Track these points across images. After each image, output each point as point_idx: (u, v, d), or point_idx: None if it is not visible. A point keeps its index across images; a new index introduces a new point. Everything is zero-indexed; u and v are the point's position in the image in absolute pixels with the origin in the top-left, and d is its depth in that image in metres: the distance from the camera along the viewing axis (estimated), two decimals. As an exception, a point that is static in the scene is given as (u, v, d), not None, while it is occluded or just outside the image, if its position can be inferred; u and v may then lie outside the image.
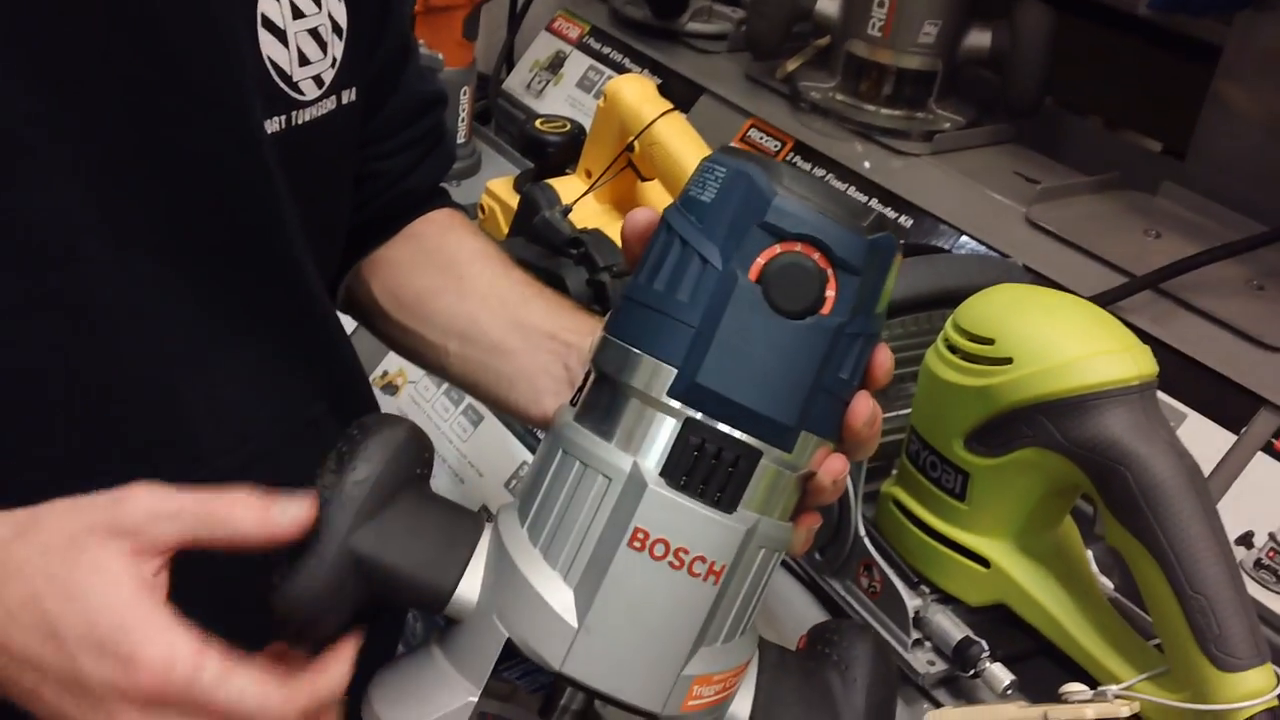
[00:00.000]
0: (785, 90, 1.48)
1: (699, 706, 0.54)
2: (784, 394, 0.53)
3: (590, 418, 0.55)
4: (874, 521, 0.94)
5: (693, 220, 0.53)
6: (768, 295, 0.52)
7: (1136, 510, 0.76)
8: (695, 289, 0.52)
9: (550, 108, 1.65)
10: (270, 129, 0.69)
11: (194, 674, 0.51)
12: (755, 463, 0.53)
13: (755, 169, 0.52)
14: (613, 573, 0.52)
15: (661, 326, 0.53)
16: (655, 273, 0.53)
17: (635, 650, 0.53)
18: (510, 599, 0.53)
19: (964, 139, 1.39)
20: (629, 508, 0.52)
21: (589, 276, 1.17)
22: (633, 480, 0.52)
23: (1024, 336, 0.80)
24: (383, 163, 0.85)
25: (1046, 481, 0.83)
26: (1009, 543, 0.87)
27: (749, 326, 0.52)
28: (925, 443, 0.88)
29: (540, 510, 0.54)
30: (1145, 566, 0.76)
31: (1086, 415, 0.78)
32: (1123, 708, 0.77)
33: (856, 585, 0.92)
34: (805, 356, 0.53)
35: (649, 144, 1.24)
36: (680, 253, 0.53)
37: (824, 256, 0.52)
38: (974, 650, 0.84)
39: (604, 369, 0.55)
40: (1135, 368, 0.78)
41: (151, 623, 0.52)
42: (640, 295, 0.54)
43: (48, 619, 0.52)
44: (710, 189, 0.53)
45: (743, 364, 0.52)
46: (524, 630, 0.53)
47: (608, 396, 0.55)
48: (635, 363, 0.53)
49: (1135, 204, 1.27)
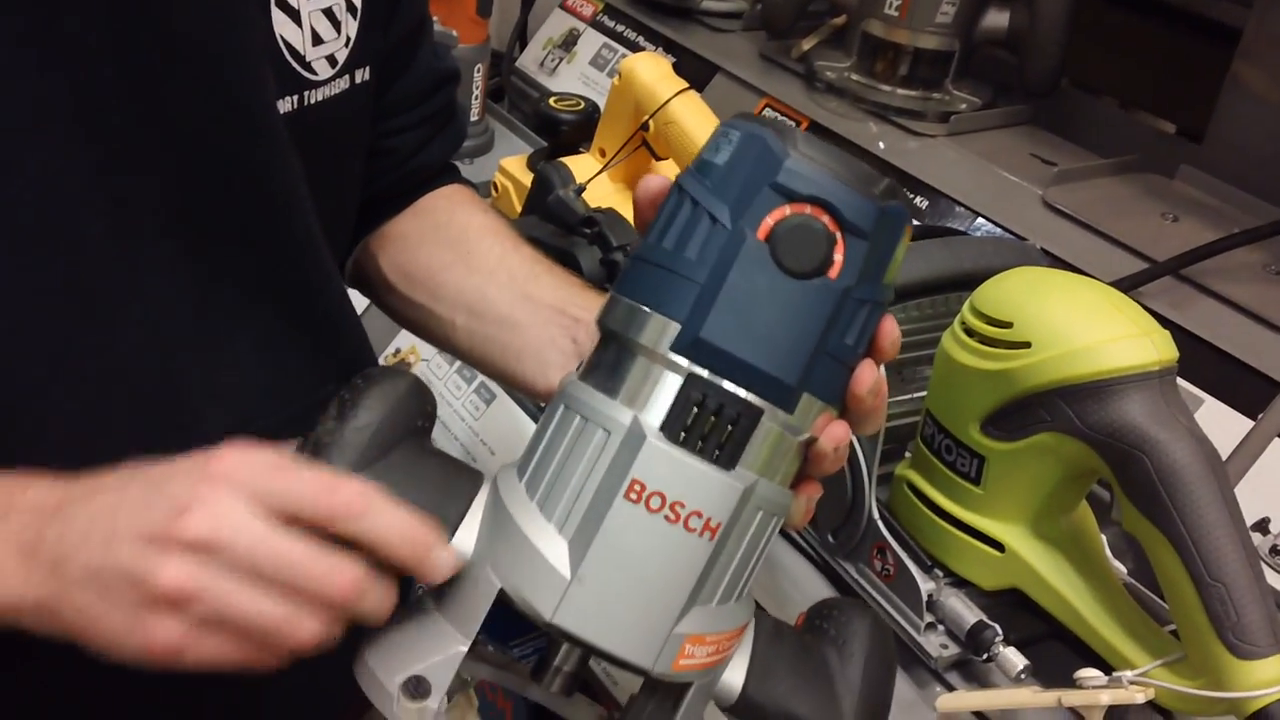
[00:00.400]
0: (800, 70, 1.47)
1: (691, 667, 0.54)
2: (787, 353, 0.53)
3: (594, 376, 0.55)
4: (887, 504, 0.94)
5: (705, 181, 0.53)
6: (775, 255, 0.52)
7: (1155, 496, 0.75)
8: (703, 247, 0.52)
9: (563, 86, 1.64)
10: (283, 109, 0.69)
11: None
12: (756, 421, 0.53)
13: (769, 132, 0.53)
14: (607, 524, 0.52)
15: (668, 283, 0.53)
16: (665, 232, 0.54)
17: (627, 603, 0.52)
18: (504, 550, 0.53)
19: (980, 120, 1.38)
20: (627, 460, 0.52)
21: (602, 256, 1.16)
22: (632, 433, 0.52)
23: (1043, 320, 0.80)
24: (394, 139, 0.85)
25: (1063, 466, 0.83)
26: (1024, 527, 0.86)
27: (755, 285, 0.52)
28: (940, 426, 0.88)
29: (539, 464, 0.55)
30: (1163, 553, 0.76)
31: (1105, 400, 0.77)
32: (1138, 694, 0.77)
33: (869, 568, 0.92)
34: (810, 317, 0.53)
35: (664, 123, 1.23)
36: (690, 212, 0.53)
37: (833, 219, 0.52)
38: (987, 634, 0.84)
39: (610, 327, 0.55)
40: (1155, 353, 0.78)
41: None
42: (648, 254, 0.54)
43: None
44: (724, 151, 0.53)
45: (747, 321, 0.52)
46: (516, 581, 0.53)
47: (612, 354, 0.55)
48: (640, 319, 0.53)
49: (1152, 187, 1.26)
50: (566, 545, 0.52)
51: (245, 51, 0.66)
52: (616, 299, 0.55)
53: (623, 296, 0.55)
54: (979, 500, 0.87)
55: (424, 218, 0.87)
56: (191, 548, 0.50)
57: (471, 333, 0.80)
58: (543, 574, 0.52)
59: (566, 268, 0.83)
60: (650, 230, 0.55)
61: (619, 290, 0.55)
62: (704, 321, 0.52)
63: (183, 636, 0.51)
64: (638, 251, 0.55)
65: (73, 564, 0.52)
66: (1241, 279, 1.08)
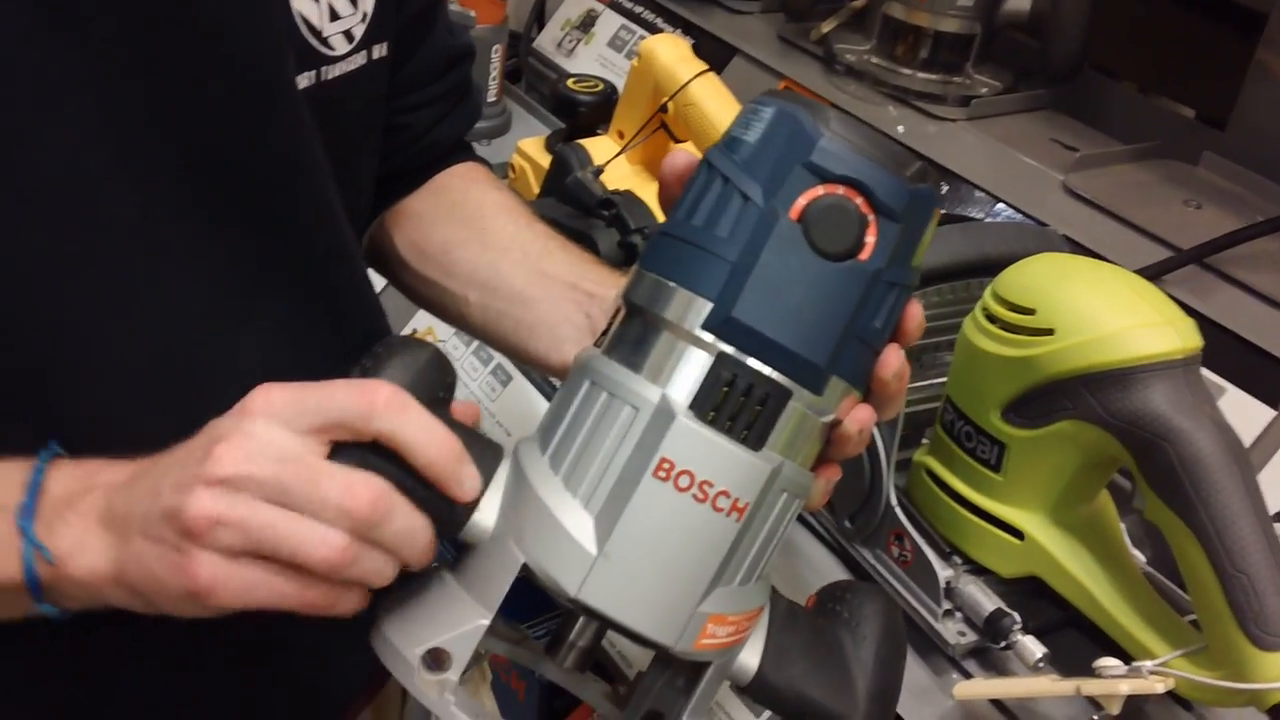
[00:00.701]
0: (819, 52, 1.46)
1: (711, 646, 0.54)
2: (817, 334, 0.52)
3: (619, 351, 0.55)
4: (905, 491, 0.94)
5: (735, 159, 0.53)
6: (808, 235, 0.51)
7: (1178, 486, 0.75)
8: (735, 225, 0.52)
9: (581, 67, 1.63)
10: (301, 85, 0.68)
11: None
12: (784, 402, 0.52)
13: (801, 110, 0.52)
14: (635, 501, 0.51)
15: (698, 260, 0.52)
16: (694, 209, 0.53)
17: (653, 581, 0.52)
18: (528, 525, 0.53)
19: (1001, 104, 1.37)
20: (655, 438, 0.52)
21: (620, 238, 1.16)
22: (661, 411, 0.52)
23: (1066, 307, 0.79)
24: (409, 115, 0.84)
25: (1085, 454, 0.82)
26: (1044, 515, 0.86)
27: (787, 265, 0.51)
28: (961, 413, 0.87)
29: (564, 439, 0.54)
30: (1185, 543, 0.75)
31: (1129, 388, 0.77)
32: (1158, 683, 0.76)
33: (887, 554, 0.91)
34: (841, 299, 0.52)
35: (684, 105, 1.22)
36: (721, 190, 0.53)
37: (866, 201, 0.52)
38: (1006, 622, 0.84)
39: (636, 301, 0.55)
40: (1179, 341, 0.77)
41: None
42: (677, 230, 0.54)
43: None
44: (755, 128, 0.53)
45: (778, 301, 0.52)
46: (541, 555, 0.53)
47: (638, 329, 0.54)
48: (669, 295, 0.53)
49: (1175, 174, 1.25)
50: (592, 521, 0.52)
51: (265, 27, 0.65)
52: (642, 274, 0.55)
53: (650, 272, 0.54)
54: (999, 487, 0.86)
55: (438, 195, 0.87)
56: (222, 482, 0.51)
57: (485, 309, 0.80)
58: (568, 549, 0.52)
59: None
60: (678, 206, 0.55)
61: (645, 265, 0.55)
62: (736, 300, 0.51)
63: (216, 568, 0.51)
64: (665, 227, 0.55)
65: (132, 520, 0.54)
66: (1265, 267, 1.07)
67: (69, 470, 0.58)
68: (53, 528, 0.55)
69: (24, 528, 0.55)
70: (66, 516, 0.55)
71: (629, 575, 0.52)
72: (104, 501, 0.55)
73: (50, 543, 0.55)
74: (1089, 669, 0.79)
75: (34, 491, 0.56)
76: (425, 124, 0.86)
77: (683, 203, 0.54)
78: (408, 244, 0.85)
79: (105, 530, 0.55)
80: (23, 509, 0.56)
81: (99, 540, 0.55)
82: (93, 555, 0.55)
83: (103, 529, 0.55)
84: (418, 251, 0.85)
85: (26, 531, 0.55)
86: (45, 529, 0.55)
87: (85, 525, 0.55)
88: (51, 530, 0.55)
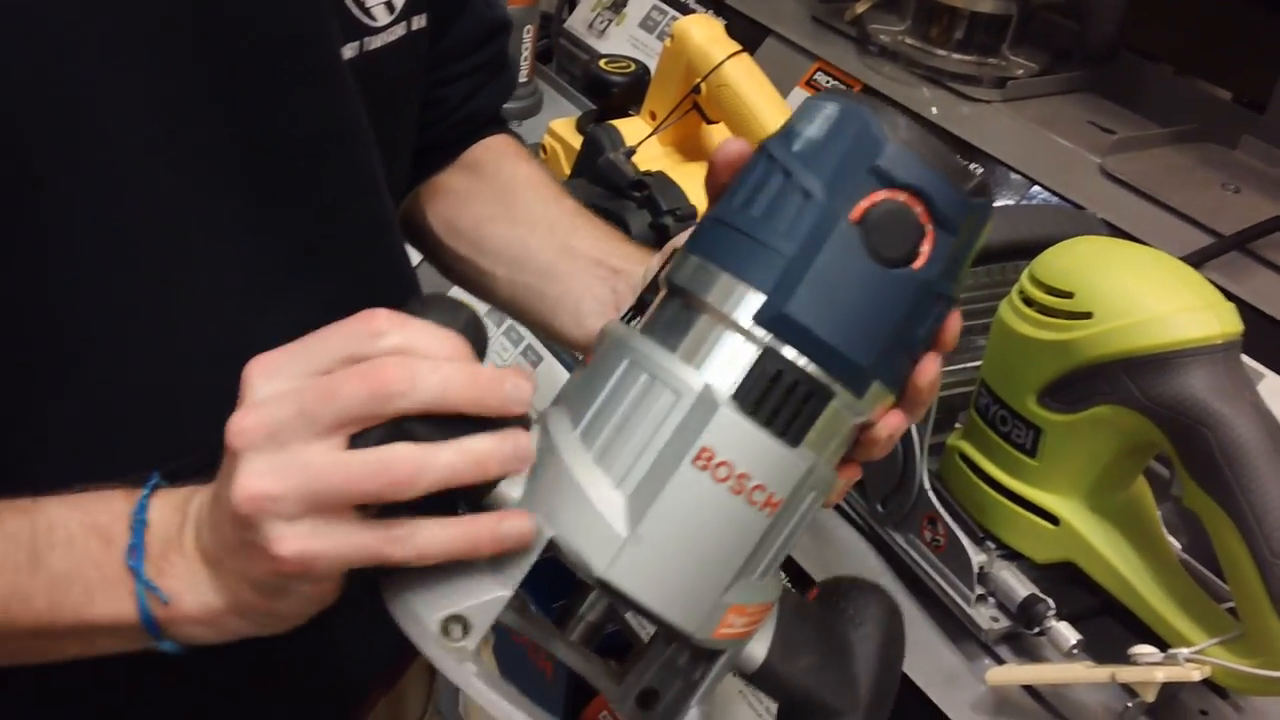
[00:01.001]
0: (853, 33, 1.45)
1: (728, 635, 0.54)
2: (866, 338, 0.52)
3: (659, 333, 0.54)
4: (939, 475, 0.93)
5: (798, 153, 0.52)
6: (867, 239, 0.51)
7: (1217, 472, 0.74)
8: (794, 220, 0.51)
9: (612, 48, 1.62)
10: (345, 57, 0.68)
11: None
12: (827, 402, 0.52)
13: (869, 111, 0.52)
14: (671, 487, 0.51)
15: (752, 251, 0.52)
16: (752, 199, 0.53)
17: (681, 567, 0.52)
18: (558, 499, 0.52)
19: (1037, 86, 1.35)
20: (697, 426, 0.51)
21: (652, 220, 1.15)
22: (704, 400, 0.51)
23: (1105, 291, 0.78)
24: (446, 88, 0.85)
25: (1122, 440, 0.82)
26: (1080, 500, 0.85)
27: (844, 267, 0.51)
28: (996, 397, 0.87)
29: (598, 417, 0.53)
30: (1223, 530, 0.74)
31: (1168, 373, 0.76)
32: (1194, 671, 0.76)
33: (919, 538, 0.91)
34: (892, 305, 0.52)
35: (717, 86, 1.22)
36: (782, 183, 0.52)
37: (926, 211, 0.51)
38: (1040, 608, 0.83)
39: (681, 284, 0.54)
40: (1220, 326, 0.76)
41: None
42: (732, 218, 0.53)
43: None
44: (819, 125, 0.52)
45: (832, 302, 0.51)
46: (569, 531, 0.52)
47: (680, 312, 0.54)
48: (718, 282, 0.52)
49: (1213, 157, 1.23)
50: (625, 501, 0.52)
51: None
52: (690, 258, 0.54)
53: (698, 256, 0.54)
54: (1034, 472, 0.86)
55: (471, 172, 0.87)
56: (257, 460, 0.50)
57: (512, 284, 0.80)
58: (598, 528, 0.51)
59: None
60: (733, 194, 0.54)
61: (694, 249, 0.54)
62: (790, 296, 0.51)
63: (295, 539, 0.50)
64: (717, 213, 0.54)
65: (213, 548, 0.53)
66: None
67: (167, 500, 0.57)
68: (161, 568, 0.55)
69: (136, 569, 0.54)
70: (172, 558, 0.55)
71: (658, 559, 0.52)
72: (193, 532, 0.55)
73: (162, 583, 0.54)
74: (1123, 656, 0.78)
75: (140, 529, 0.55)
76: (461, 96, 0.86)
77: (738, 191, 0.54)
78: (441, 221, 0.85)
79: (206, 565, 0.54)
80: (131, 549, 0.55)
81: (205, 576, 0.54)
82: (205, 591, 0.54)
83: (204, 564, 0.54)
84: (450, 228, 0.85)
85: (139, 573, 0.54)
86: (155, 569, 0.55)
87: (189, 564, 0.54)
88: (161, 571, 0.55)
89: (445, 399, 0.50)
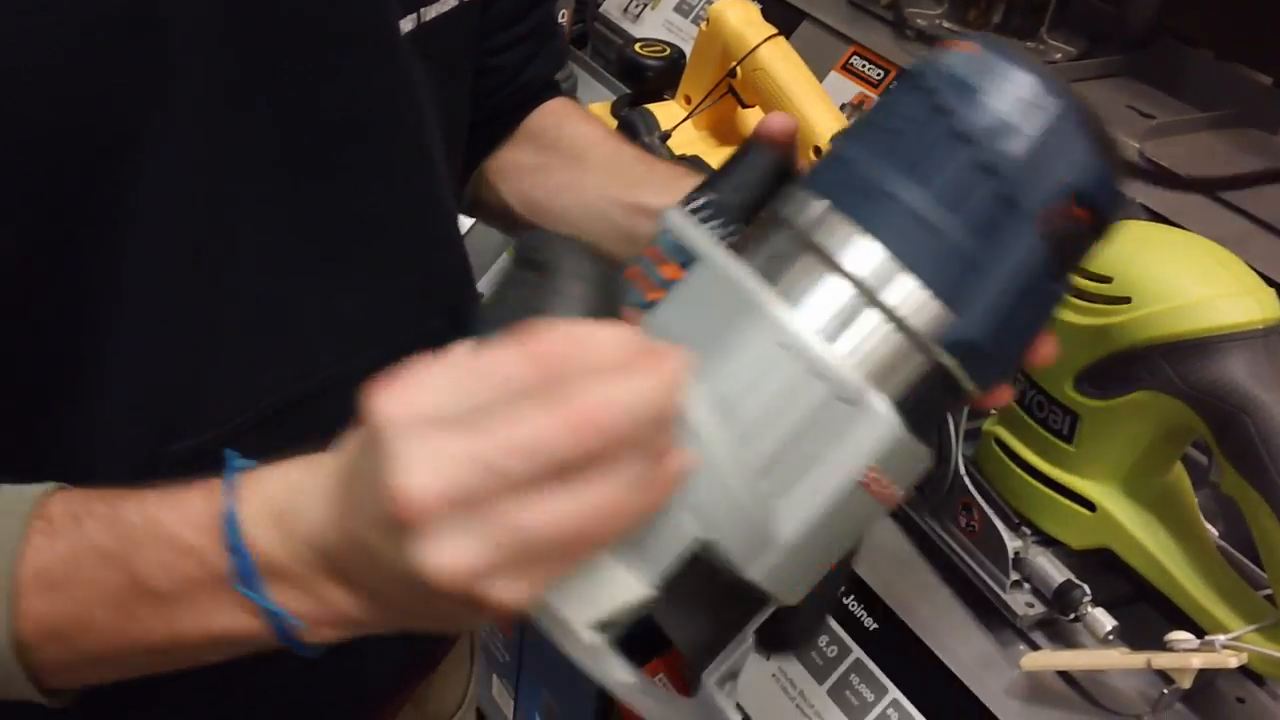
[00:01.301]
0: (890, 17, 1.44)
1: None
2: (1016, 349, 0.51)
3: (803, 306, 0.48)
4: (974, 460, 0.93)
5: (989, 130, 0.48)
6: (1050, 254, 0.48)
7: (1256, 459, 0.73)
8: (983, 224, 0.47)
9: (647, 32, 1.62)
10: (404, 29, 0.68)
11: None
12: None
13: (1075, 112, 0.48)
14: (830, 498, 0.48)
15: (926, 239, 0.47)
16: (929, 174, 0.48)
17: (815, 565, 0.51)
18: (704, 492, 0.47)
19: (1075, 70, 1.34)
20: (867, 445, 0.47)
21: (687, 204, 1.15)
22: (883, 421, 0.47)
23: (1144, 275, 0.78)
24: (499, 57, 0.84)
25: (1160, 426, 0.81)
26: (1116, 486, 0.85)
27: (1022, 278, 0.48)
28: (1032, 382, 0.86)
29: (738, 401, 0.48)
30: (1262, 516, 0.74)
31: (1207, 359, 0.75)
32: (1231, 658, 0.76)
33: (954, 524, 0.91)
34: (1045, 316, 0.51)
35: (752, 70, 1.21)
36: (971, 172, 0.48)
37: (1096, 229, 0.50)
38: (1075, 594, 0.83)
39: (830, 252, 0.48)
40: (1260, 311, 0.76)
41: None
42: (908, 196, 0.48)
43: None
44: (1021, 112, 0.48)
45: (1004, 315, 0.48)
46: (718, 530, 0.47)
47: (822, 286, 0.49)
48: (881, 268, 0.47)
49: (1253, 142, 1.22)
50: (781, 510, 0.48)
51: None
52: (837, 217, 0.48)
53: (851, 221, 0.48)
54: (1071, 458, 0.85)
55: (537, 142, 0.86)
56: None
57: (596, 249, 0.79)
58: (747, 528, 0.48)
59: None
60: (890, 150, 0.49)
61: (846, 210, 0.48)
62: (972, 312, 0.48)
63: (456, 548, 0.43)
64: (885, 183, 0.48)
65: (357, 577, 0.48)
66: (1347, 238, 1.05)
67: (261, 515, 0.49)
68: (284, 594, 0.49)
69: (256, 599, 0.49)
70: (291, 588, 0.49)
71: (801, 562, 0.49)
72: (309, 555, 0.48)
73: (290, 607, 0.49)
74: (1159, 642, 0.78)
75: (242, 551, 0.49)
76: (517, 64, 0.85)
77: (912, 168, 0.48)
78: (519, 198, 0.85)
79: (339, 584, 0.49)
80: (241, 575, 0.49)
81: (343, 596, 0.49)
82: (345, 608, 0.49)
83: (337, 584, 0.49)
84: (528, 204, 0.84)
85: (262, 602, 0.49)
86: (278, 595, 0.49)
87: (319, 591, 0.49)
88: (285, 596, 0.49)
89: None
